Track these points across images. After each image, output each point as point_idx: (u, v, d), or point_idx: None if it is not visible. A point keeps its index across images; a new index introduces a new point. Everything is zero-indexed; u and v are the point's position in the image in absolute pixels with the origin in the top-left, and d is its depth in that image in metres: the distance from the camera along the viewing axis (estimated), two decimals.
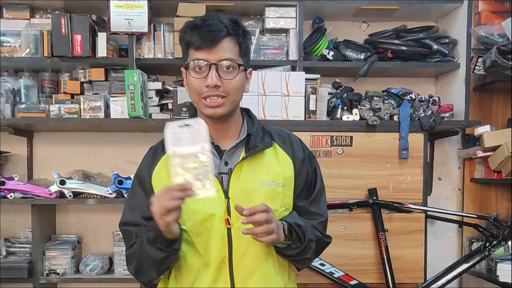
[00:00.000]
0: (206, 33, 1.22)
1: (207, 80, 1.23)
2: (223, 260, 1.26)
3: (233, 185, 1.27)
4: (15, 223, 2.55)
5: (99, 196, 2.33)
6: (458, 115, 2.38)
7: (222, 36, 1.23)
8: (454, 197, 2.71)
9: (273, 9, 2.38)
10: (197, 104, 1.29)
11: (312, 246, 1.32)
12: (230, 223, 1.25)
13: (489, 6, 2.49)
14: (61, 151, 2.61)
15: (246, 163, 1.29)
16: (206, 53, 1.23)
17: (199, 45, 1.23)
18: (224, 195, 1.27)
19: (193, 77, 1.25)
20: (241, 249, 1.26)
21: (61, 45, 2.26)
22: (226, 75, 1.24)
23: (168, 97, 2.40)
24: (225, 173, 1.28)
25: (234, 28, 1.26)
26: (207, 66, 1.23)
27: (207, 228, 1.26)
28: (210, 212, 1.25)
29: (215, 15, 1.27)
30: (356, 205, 2.24)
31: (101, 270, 2.41)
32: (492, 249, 2.20)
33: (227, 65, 1.24)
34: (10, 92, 2.32)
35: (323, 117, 2.30)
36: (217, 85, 1.23)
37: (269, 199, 1.28)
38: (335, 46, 2.46)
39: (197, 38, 1.23)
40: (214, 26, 1.23)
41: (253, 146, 1.30)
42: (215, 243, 1.26)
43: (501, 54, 2.17)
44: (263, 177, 1.29)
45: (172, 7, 2.31)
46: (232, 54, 1.25)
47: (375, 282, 2.26)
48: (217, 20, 1.24)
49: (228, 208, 1.26)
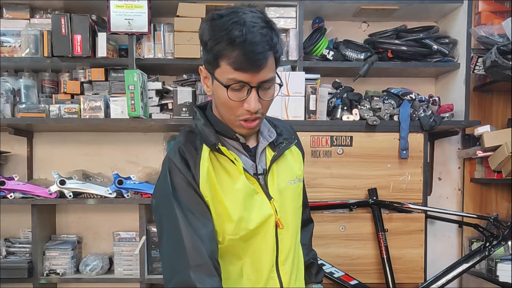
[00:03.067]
0: (249, 55, 1.05)
1: (248, 104, 1.10)
2: (273, 264, 1.21)
3: (271, 185, 1.22)
4: (15, 223, 2.55)
5: (99, 196, 2.33)
6: (458, 115, 2.38)
7: (267, 58, 1.08)
8: (454, 197, 2.71)
9: (273, 9, 2.38)
10: (230, 120, 1.16)
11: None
12: (281, 224, 1.20)
13: (489, 6, 2.49)
14: (61, 151, 2.61)
15: (275, 162, 1.24)
16: (249, 76, 1.08)
17: (242, 68, 1.07)
18: (266, 197, 1.21)
19: (230, 97, 1.10)
20: (285, 250, 1.23)
21: (61, 45, 2.26)
22: (264, 95, 1.13)
23: (168, 97, 2.40)
24: (261, 174, 1.22)
25: (274, 39, 1.10)
26: (247, 87, 1.10)
27: (258, 233, 1.18)
28: (265, 216, 1.18)
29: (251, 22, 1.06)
30: (356, 205, 2.24)
31: (101, 270, 2.41)
32: (492, 249, 2.20)
33: (268, 86, 1.13)
34: (10, 92, 2.32)
35: (323, 117, 2.30)
36: (258, 109, 1.12)
37: (297, 196, 1.28)
38: (335, 46, 2.46)
39: (237, 57, 1.06)
40: (257, 46, 1.05)
41: (278, 144, 1.26)
42: (266, 248, 1.20)
43: (501, 54, 2.17)
44: (290, 174, 1.27)
45: (172, 7, 2.31)
46: (273, 72, 1.12)
47: (375, 282, 2.26)
48: (259, 34, 1.06)
49: (275, 209, 1.21)
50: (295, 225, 1.28)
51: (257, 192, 1.20)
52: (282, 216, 1.21)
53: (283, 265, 1.23)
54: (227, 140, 1.22)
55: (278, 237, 1.21)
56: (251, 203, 1.17)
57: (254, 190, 1.19)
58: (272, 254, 1.21)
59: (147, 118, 2.31)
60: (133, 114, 2.21)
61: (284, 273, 1.23)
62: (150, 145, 2.62)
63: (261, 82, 1.10)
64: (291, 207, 1.26)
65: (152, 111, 2.37)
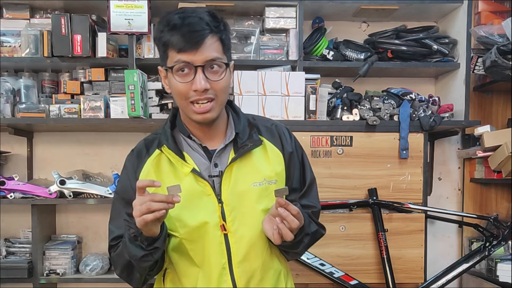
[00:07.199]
0: (187, 34, 1.14)
1: (195, 84, 1.16)
2: (223, 267, 1.23)
3: (225, 188, 1.23)
4: (15, 223, 2.55)
5: (99, 196, 2.33)
6: (458, 115, 2.38)
7: (205, 36, 1.15)
8: (454, 197, 2.71)
9: (273, 9, 2.38)
10: (184, 108, 1.22)
11: (305, 241, 1.30)
12: (226, 228, 1.22)
13: (489, 6, 2.48)
14: (61, 151, 2.61)
15: (236, 164, 1.24)
16: (191, 55, 1.15)
17: (182, 47, 1.15)
18: (217, 200, 1.23)
19: (178, 81, 1.18)
20: (240, 253, 1.24)
21: (61, 45, 2.26)
22: (213, 76, 1.18)
23: (168, 97, 2.39)
24: (216, 176, 1.24)
25: (216, 24, 1.18)
26: (192, 68, 1.16)
27: (201, 235, 1.22)
28: (204, 219, 1.22)
29: (192, 10, 1.19)
30: (356, 205, 2.24)
31: (101, 270, 2.41)
32: (492, 249, 2.20)
33: (214, 65, 1.18)
34: (10, 92, 2.32)
35: (323, 117, 2.30)
36: (206, 88, 1.16)
37: (262, 198, 1.25)
38: (335, 46, 2.46)
39: (178, 39, 1.15)
40: (195, 26, 1.14)
41: (242, 145, 1.25)
42: (213, 251, 1.22)
43: (501, 54, 2.17)
44: (255, 176, 1.25)
45: (172, 7, 2.30)
46: (217, 52, 1.17)
47: (375, 282, 2.26)
48: (197, 17, 1.15)
49: (222, 213, 1.22)
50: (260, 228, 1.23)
51: (208, 194, 1.23)
52: (235, 220, 1.22)
53: (237, 267, 1.24)
54: (187, 141, 1.28)
55: (229, 240, 1.23)
56: (196, 204, 1.22)
57: (202, 192, 1.23)
58: (221, 256, 1.23)
59: (147, 118, 2.31)
60: (133, 114, 2.21)
61: (239, 276, 1.24)
62: None
63: (206, 62, 1.16)
64: (253, 210, 1.24)
65: (152, 111, 2.37)
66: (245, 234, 1.24)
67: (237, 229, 1.23)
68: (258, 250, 1.26)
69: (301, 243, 1.28)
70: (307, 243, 1.32)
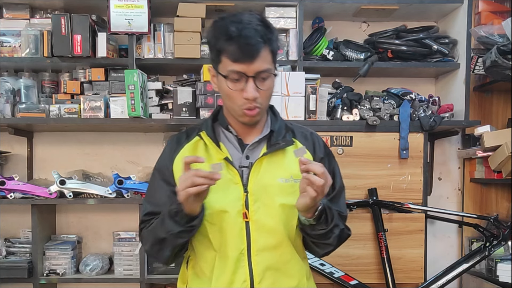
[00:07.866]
0: (244, 47, 1.21)
1: (246, 93, 1.24)
2: (241, 253, 1.29)
3: (252, 179, 1.30)
4: (15, 223, 2.55)
5: (99, 196, 2.33)
6: (458, 115, 2.38)
7: (260, 49, 1.22)
8: (454, 197, 2.71)
9: (273, 9, 2.38)
10: (234, 111, 1.30)
11: (336, 232, 1.32)
12: (248, 217, 1.28)
13: (489, 6, 2.49)
14: (61, 151, 2.61)
15: (267, 159, 1.32)
16: (245, 67, 1.22)
17: (237, 59, 1.22)
18: (243, 189, 1.30)
19: (230, 87, 1.25)
20: (260, 242, 1.29)
21: (61, 45, 2.26)
22: (262, 85, 1.26)
23: (168, 97, 2.40)
24: (246, 167, 1.31)
25: (269, 36, 1.25)
26: (244, 77, 1.23)
27: (223, 219, 1.28)
28: (228, 204, 1.29)
29: (247, 20, 1.24)
30: (356, 205, 2.24)
31: (101, 270, 2.41)
32: (492, 249, 2.20)
33: (264, 76, 1.25)
34: (10, 92, 2.32)
35: (323, 117, 2.30)
36: (255, 97, 1.24)
37: (287, 194, 1.30)
38: (335, 46, 2.46)
39: (234, 50, 1.21)
40: (251, 39, 1.21)
41: (275, 143, 1.33)
42: (233, 236, 1.28)
43: (501, 54, 2.17)
44: (283, 172, 1.32)
45: (172, 7, 2.31)
46: (268, 63, 1.25)
47: (375, 282, 2.26)
48: (253, 29, 1.22)
49: (246, 202, 1.29)
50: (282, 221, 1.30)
51: (236, 183, 1.30)
52: (259, 210, 1.29)
53: (256, 255, 1.29)
54: (225, 133, 1.36)
55: (250, 227, 1.29)
56: (223, 190, 1.28)
57: (231, 180, 1.30)
58: (241, 242, 1.28)
59: (147, 118, 2.31)
60: (133, 114, 2.21)
61: (256, 263, 1.29)
62: (150, 145, 2.62)
63: (257, 72, 1.23)
64: (277, 203, 1.30)
65: (152, 111, 2.37)
66: (266, 224, 1.29)
67: (259, 219, 1.29)
68: (278, 242, 1.31)
69: (332, 233, 1.31)
70: (338, 235, 1.34)
